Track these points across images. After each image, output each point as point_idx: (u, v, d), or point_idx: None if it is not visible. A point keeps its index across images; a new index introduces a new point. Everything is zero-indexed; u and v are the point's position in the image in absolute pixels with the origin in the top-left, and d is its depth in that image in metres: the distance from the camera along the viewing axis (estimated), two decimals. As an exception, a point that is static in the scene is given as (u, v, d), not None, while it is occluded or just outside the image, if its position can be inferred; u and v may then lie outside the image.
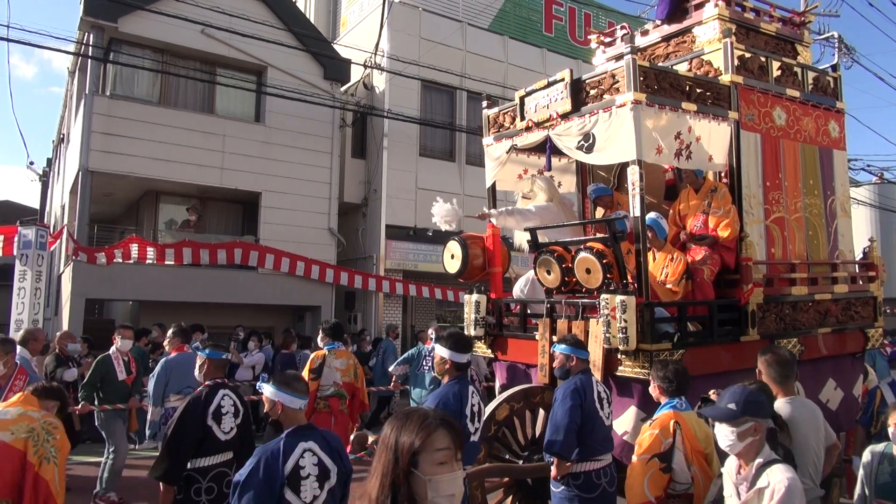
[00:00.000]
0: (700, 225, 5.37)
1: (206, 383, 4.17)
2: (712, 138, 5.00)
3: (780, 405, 3.71)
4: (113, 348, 6.97)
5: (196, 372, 4.28)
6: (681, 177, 5.77)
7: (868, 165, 29.65)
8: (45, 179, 23.35)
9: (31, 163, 21.92)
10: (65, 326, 11.72)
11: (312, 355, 6.77)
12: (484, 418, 4.67)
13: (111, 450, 6.67)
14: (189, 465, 3.95)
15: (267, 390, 3.07)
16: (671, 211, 5.77)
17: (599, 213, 6.41)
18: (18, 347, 6.13)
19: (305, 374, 6.38)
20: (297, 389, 3.07)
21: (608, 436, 4.28)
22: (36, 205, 24.97)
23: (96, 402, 6.87)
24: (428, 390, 7.97)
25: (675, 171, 5.99)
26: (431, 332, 9.00)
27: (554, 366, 4.47)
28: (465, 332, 5.93)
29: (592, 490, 4.09)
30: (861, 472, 3.63)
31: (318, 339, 6.93)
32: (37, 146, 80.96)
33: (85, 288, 11.53)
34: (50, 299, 13.96)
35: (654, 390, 3.96)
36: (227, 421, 4.05)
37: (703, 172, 5.51)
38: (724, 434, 2.78)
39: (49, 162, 23.31)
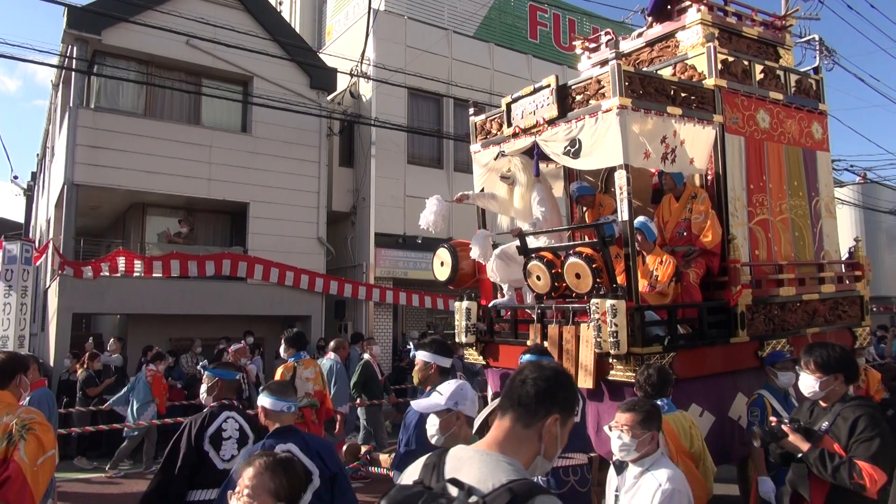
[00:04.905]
0: (683, 231, 5.40)
1: (212, 405, 3.77)
2: (695, 142, 5.04)
3: None
4: (366, 355, 8.56)
5: (204, 394, 3.91)
6: (662, 184, 5.79)
7: (851, 166, 29.99)
8: (29, 193, 23.16)
9: (16, 177, 21.84)
10: (52, 342, 11.59)
11: (281, 369, 6.51)
12: (477, 424, 4.65)
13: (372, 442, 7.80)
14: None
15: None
16: (655, 217, 5.80)
17: (588, 216, 6.41)
18: (332, 354, 7.74)
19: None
20: (282, 395, 3.22)
21: (581, 434, 4.14)
22: (21, 219, 24.77)
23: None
24: None
25: (659, 177, 6.02)
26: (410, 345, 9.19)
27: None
28: (456, 340, 5.94)
29: (561, 486, 4.05)
30: None
31: (281, 350, 6.68)
32: (21, 160, 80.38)
33: (72, 302, 11.39)
34: (36, 314, 13.79)
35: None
36: (227, 447, 3.55)
37: (683, 179, 5.54)
38: None
39: (33, 176, 23.13)
